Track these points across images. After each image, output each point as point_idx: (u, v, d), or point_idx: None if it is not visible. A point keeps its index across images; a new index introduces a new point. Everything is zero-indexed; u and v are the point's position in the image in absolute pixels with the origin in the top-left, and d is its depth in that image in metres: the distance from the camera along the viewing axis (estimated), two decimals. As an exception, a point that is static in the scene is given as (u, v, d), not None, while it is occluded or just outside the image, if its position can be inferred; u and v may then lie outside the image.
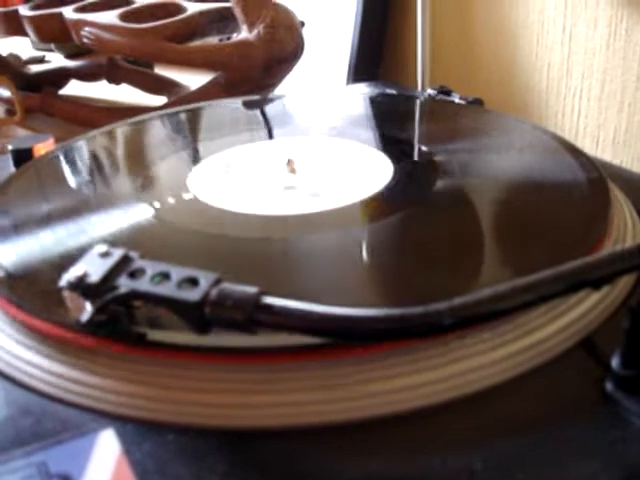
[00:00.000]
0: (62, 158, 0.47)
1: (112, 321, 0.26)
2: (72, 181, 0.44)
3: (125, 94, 0.85)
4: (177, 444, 0.24)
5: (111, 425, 0.25)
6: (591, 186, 0.38)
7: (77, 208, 0.39)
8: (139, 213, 0.37)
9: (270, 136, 0.52)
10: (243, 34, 0.69)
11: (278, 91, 0.73)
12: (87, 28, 0.69)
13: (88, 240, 0.34)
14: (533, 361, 0.27)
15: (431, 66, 0.69)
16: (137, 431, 0.25)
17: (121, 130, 0.52)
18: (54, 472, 0.22)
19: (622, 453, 0.23)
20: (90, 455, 0.23)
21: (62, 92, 0.85)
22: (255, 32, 0.68)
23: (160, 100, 0.79)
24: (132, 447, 0.24)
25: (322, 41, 0.85)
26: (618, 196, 0.38)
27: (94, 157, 0.48)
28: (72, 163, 0.47)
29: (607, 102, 0.64)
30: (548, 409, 0.25)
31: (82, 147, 0.49)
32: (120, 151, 0.50)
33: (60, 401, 0.26)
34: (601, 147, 0.65)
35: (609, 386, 0.25)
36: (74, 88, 0.87)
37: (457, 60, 0.77)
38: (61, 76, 0.87)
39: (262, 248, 0.34)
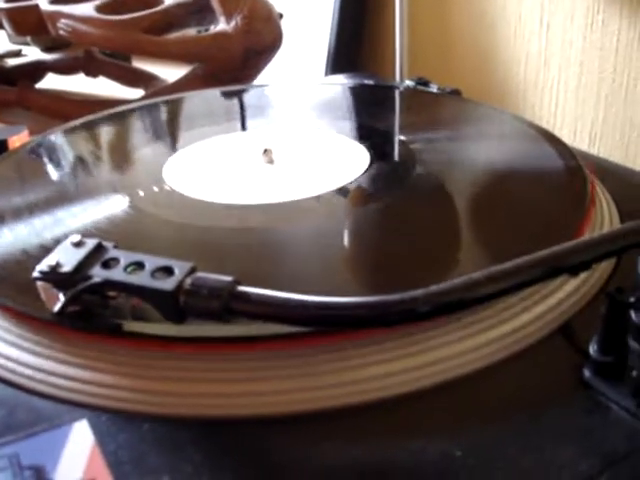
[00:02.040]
0: (37, 149, 0.46)
1: (87, 311, 0.26)
2: (47, 172, 0.43)
3: (102, 87, 0.85)
4: (152, 434, 0.24)
5: (85, 416, 0.24)
6: (569, 174, 0.38)
7: (52, 199, 0.38)
8: (115, 204, 0.37)
9: (247, 126, 0.51)
10: (221, 25, 0.69)
11: (257, 82, 0.72)
12: (63, 20, 0.69)
13: (63, 230, 0.34)
14: (512, 348, 0.27)
15: (409, 57, 0.69)
16: (112, 422, 0.24)
17: (97, 122, 0.52)
18: (26, 464, 0.22)
19: (600, 439, 0.23)
20: (63, 447, 0.23)
21: (39, 85, 0.84)
22: (233, 23, 0.67)
23: (138, 93, 0.78)
24: (107, 438, 0.23)
25: (300, 32, 0.85)
26: (595, 184, 0.38)
27: (70, 149, 0.48)
28: (47, 154, 0.46)
29: (584, 94, 0.64)
30: (527, 396, 0.25)
31: (58, 139, 0.48)
32: (96, 142, 0.50)
33: (33, 392, 0.26)
34: (579, 138, 0.65)
35: (587, 372, 0.25)
36: (51, 81, 0.87)
37: (435, 51, 0.77)
38: (38, 69, 0.86)
39: (238, 238, 0.34)
